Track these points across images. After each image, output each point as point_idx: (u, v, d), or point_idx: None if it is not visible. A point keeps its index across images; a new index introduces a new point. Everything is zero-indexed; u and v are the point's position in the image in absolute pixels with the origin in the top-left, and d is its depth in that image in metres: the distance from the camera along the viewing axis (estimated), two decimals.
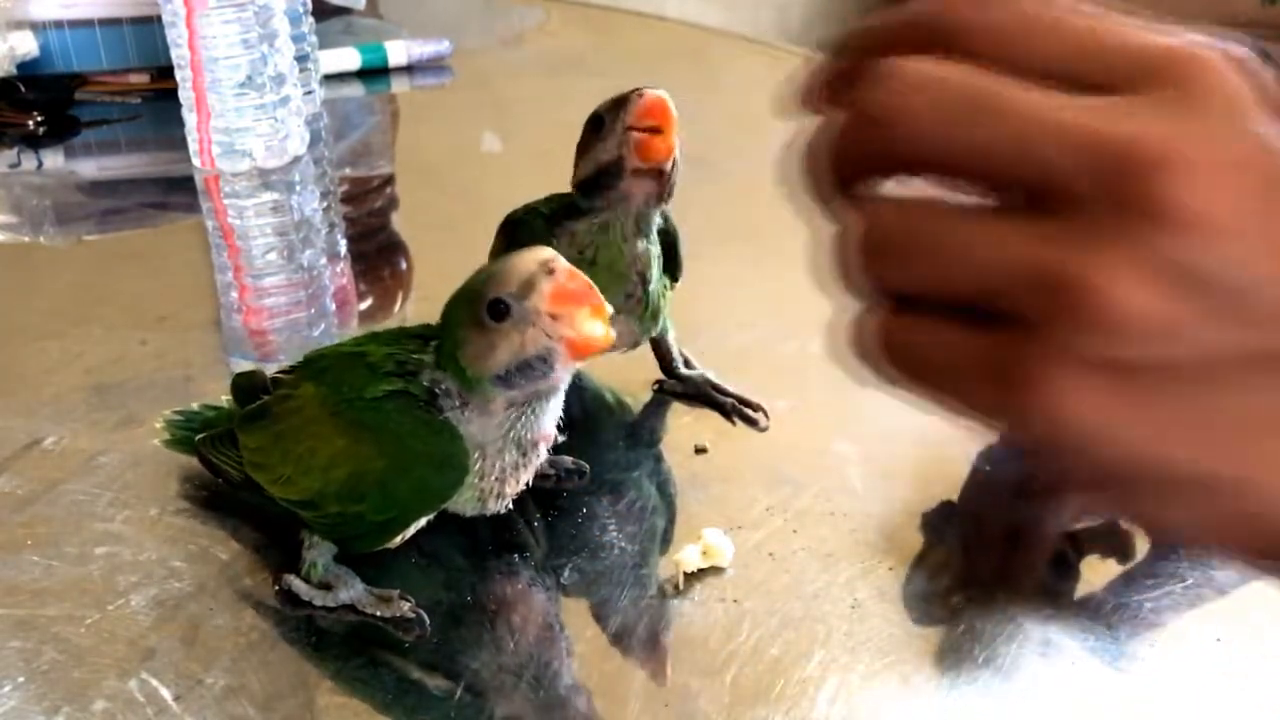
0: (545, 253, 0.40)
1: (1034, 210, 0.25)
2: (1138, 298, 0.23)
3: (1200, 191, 0.22)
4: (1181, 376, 0.24)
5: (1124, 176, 0.23)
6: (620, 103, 0.48)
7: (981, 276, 0.26)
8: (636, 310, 0.52)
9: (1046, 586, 0.45)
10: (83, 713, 0.39)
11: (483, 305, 0.40)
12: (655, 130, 0.47)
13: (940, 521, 0.48)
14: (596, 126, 0.49)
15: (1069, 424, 0.24)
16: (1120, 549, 0.46)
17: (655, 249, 0.52)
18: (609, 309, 0.40)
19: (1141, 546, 0.46)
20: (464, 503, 0.44)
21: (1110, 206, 0.23)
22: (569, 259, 0.50)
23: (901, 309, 0.28)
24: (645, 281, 0.51)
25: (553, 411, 0.43)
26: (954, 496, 0.50)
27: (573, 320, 0.39)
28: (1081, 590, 0.45)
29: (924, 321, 0.27)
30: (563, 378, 0.41)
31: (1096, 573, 0.45)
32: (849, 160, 0.28)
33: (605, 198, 0.50)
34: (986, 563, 0.47)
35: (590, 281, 0.40)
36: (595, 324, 0.39)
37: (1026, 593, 0.44)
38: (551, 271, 0.39)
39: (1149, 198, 0.23)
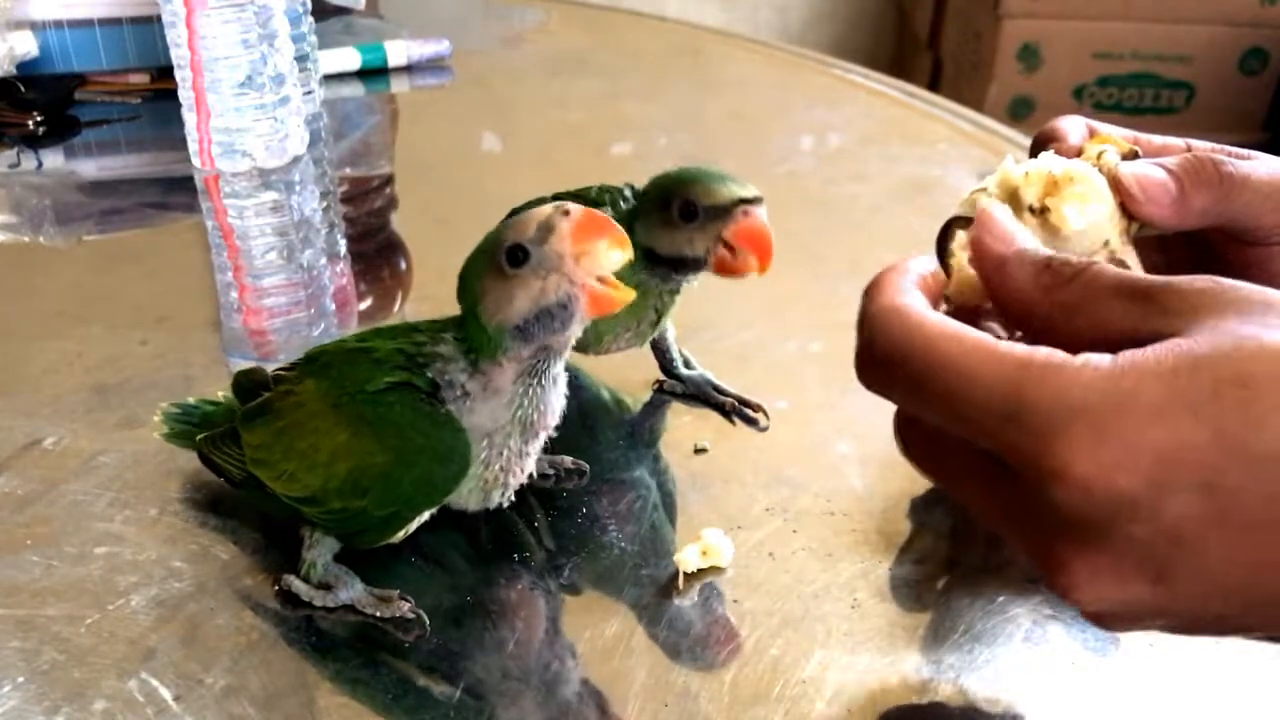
0: (560, 202, 0.41)
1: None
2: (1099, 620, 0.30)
3: (1091, 603, 0.29)
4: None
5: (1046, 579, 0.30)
6: (722, 211, 0.47)
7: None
8: (646, 331, 0.53)
9: (1033, 574, 0.45)
10: (83, 713, 0.39)
11: (501, 252, 0.40)
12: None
13: (926, 507, 0.49)
14: (687, 215, 0.47)
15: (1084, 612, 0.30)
16: None
17: (677, 300, 0.53)
18: (628, 240, 0.40)
19: None
20: (467, 494, 0.44)
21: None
22: None
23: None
24: (659, 319, 0.53)
25: (558, 391, 0.44)
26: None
27: (594, 253, 0.40)
28: None
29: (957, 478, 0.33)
30: (575, 333, 0.42)
31: None
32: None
33: (663, 272, 0.50)
34: (972, 546, 0.47)
35: (608, 217, 0.40)
36: (617, 254, 0.40)
37: (1013, 580, 0.44)
38: (568, 213, 0.40)
39: (1065, 598, 0.30)
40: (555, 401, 0.43)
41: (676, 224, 0.48)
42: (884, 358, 0.30)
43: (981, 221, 0.33)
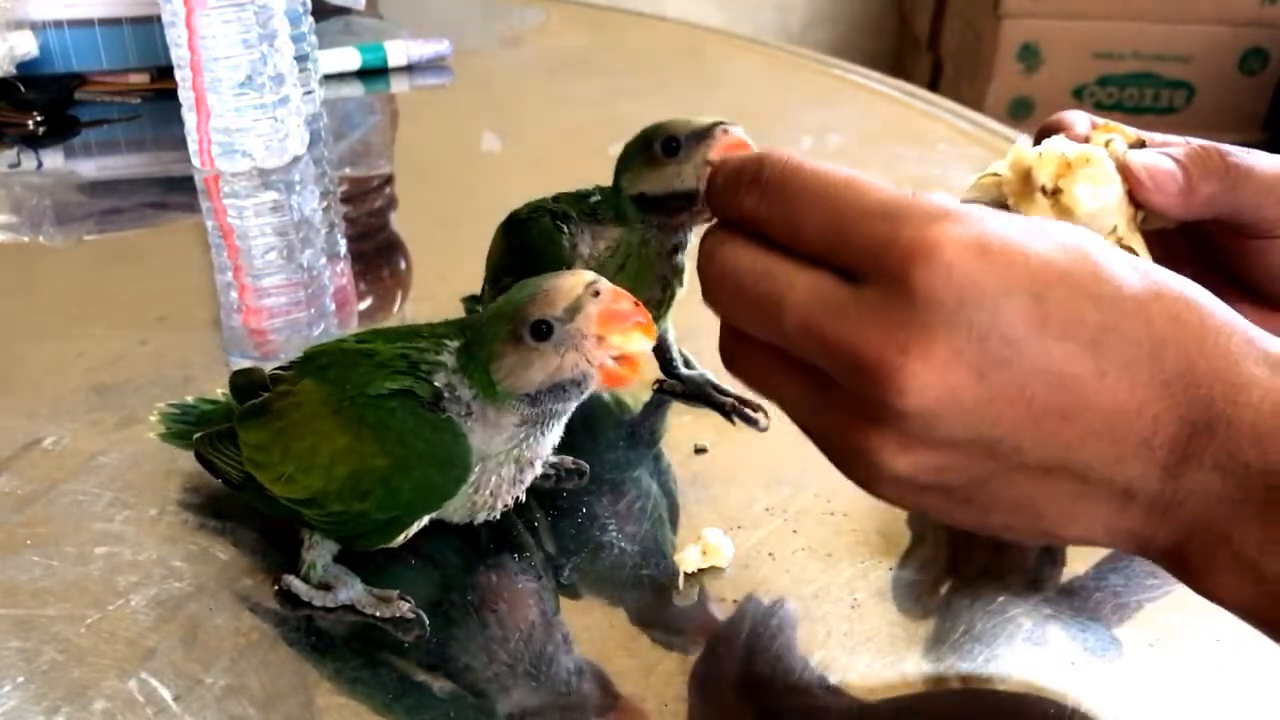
0: (588, 275, 0.41)
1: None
2: (899, 463, 0.32)
3: (913, 393, 0.30)
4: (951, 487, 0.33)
5: (862, 385, 0.31)
6: (702, 135, 0.48)
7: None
8: (650, 310, 0.53)
9: (1033, 576, 0.45)
10: (83, 713, 0.39)
11: (525, 324, 0.40)
12: None
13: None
14: (670, 150, 0.48)
15: (877, 496, 0.34)
16: None
17: (684, 260, 0.52)
18: (654, 327, 0.41)
19: None
20: (454, 510, 0.44)
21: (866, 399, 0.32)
22: (595, 257, 0.50)
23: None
24: (668, 288, 0.52)
25: (556, 433, 0.44)
26: None
27: (619, 338, 0.40)
28: (1080, 590, 0.45)
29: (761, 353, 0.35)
30: (582, 399, 0.42)
31: (1094, 567, 0.45)
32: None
33: (660, 218, 0.50)
34: (973, 552, 0.47)
35: (635, 300, 0.40)
36: (642, 341, 0.40)
37: (1014, 583, 0.44)
38: (597, 294, 0.40)
39: (881, 404, 0.31)
40: (552, 439, 0.44)
41: (662, 161, 0.49)
42: (774, 174, 0.34)
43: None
